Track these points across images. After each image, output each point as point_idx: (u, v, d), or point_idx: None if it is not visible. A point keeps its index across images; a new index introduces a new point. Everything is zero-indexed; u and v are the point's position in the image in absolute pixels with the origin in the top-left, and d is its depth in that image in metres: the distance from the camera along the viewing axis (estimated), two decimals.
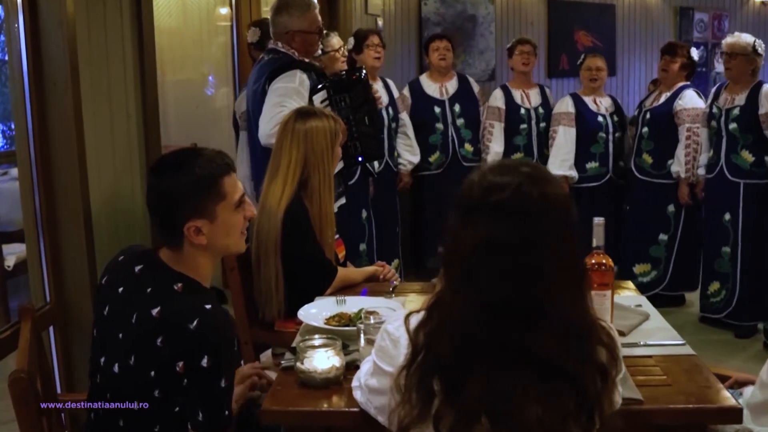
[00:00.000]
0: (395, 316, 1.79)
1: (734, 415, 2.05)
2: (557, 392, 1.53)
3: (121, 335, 2.06)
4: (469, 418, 1.53)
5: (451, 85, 6.05)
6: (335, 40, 4.81)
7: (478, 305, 1.55)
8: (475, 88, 6.16)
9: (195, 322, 1.96)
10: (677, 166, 5.51)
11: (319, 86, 3.90)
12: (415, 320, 1.68)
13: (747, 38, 5.19)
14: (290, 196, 3.06)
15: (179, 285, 2.06)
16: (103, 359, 2.10)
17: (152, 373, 1.98)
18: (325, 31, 4.37)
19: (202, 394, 1.99)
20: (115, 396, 2.07)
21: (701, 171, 5.42)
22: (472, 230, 1.57)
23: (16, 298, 5.03)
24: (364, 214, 5.21)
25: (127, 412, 2.04)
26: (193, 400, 1.99)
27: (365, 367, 1.93)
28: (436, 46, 5.96)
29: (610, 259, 2.44)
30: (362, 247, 5.15)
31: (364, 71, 4.07)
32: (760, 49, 5.17)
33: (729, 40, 5.24)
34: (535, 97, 6.03)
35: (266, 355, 3.25)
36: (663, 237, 5.68)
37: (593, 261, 2.41)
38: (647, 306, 2.85)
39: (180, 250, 2.12)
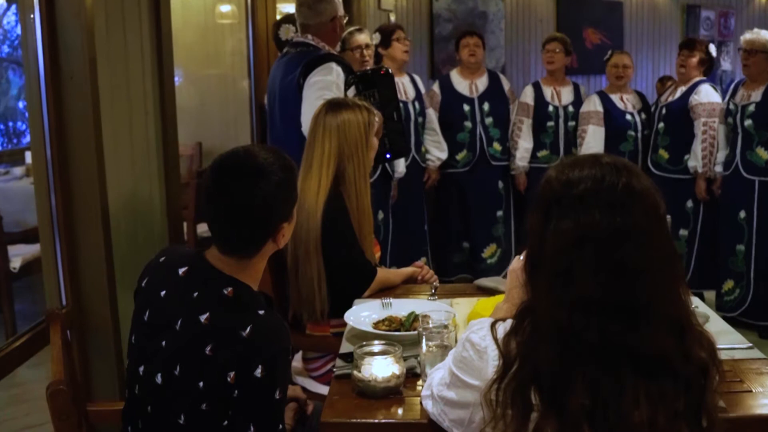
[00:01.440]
0: (477, 325, 1.65)
1: None
2: (666, 391, 1.44)
3: (164, 343, 1.91)
4: (574, 429, 1.42)
5: (482, 83, 5.96)
6: (360, 37, 4.69)
7: (575, 305, 1.45)
8: (506, 85, 6.08)
9: (248, 329, 1.83)
10: (694, 161, 5.42)
11: (349, 81, 3.85)
12: (502, 329, 1.56)
13: (767, 35, 5.07)
14: (328, 191, 2.92)
15: (229, 289, 1.92)
16: (142, 368, 1.96)
17: (200, 384, 1.84)
18: (351, 28, 4.29)
19: (255, 407, 1.84)
20: (157, 408, 1.93)
21: (719, 168, 5.32)
22: (557, 226, 1.49)
23: (22, 302, 4.91)
24: (381, 215, 5.09)
25: (171, 426, 1.90)
26: (243, 413, 1.84)
27: (437, 375, 1.80)
28: (466, 42, 5.88)
29: None
30: None
31: (388, 68, 3.99)
32: None
33: (749, 36, 5.15)
34: (566, 95, 5.94)
35: (296, 360, 3.11)
36: (683, 232, 5.58)
37: None
38: (703, 307, 2.73)
39: (252, 256, 1.99)
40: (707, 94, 5.43)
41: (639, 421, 1.41)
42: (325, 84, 3.75)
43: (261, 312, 1.89)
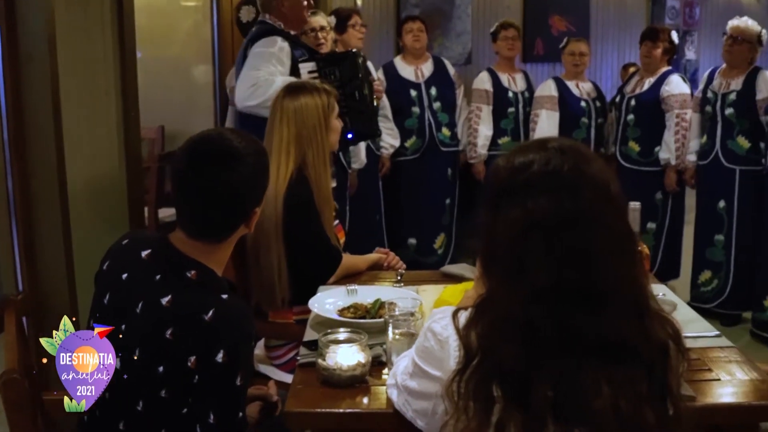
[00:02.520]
0: (440, 314, 1.62)
1: None
2: (628, 375, 1.40)
3: (124, 326, 1.86)
4: (538, 422, 1.38)
5: (427, 68, 5.87)
6: (314, 19, 4.60)
7: (531, 295, 1.41)
8: (451, 71, 5.99)
9: (210, 313, 1.78)
10: (666, 152, 5.40)
11: (308, 57, 3.86)
12: (464, 318, 1.52)
13: (755, 26, 5.04)
14: (290, 175, 2.87)
15: (193, 272, 1.87)
16: None
17: (160, 369, 1.79)
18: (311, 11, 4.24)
19: (215, 393, 1.80)
20: (114, 395, 1.87)
21: (692, 157, 5.30)
22: (506, 215, 1.44)
23: None
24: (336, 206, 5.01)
25: (129, 414, 1.85)
26: (204, 399, 1.80)
27: (402, 364, 1.76)
28: (410, 27, 5.79)
29: (646, 247, 2.29)
30: None
31: (354, 50, 3.97)
32: (764, 39, 5.06)
33: (738, 24, 5.05)
34: (521, 82, 5.92)
35: (258, 347, 3.06)
36: (651, 225, 5.57)
37: None
38: (670, 295, 2.72)
39: (222, 241, 1.96)
40: (678, 85, 5.42)
41: (602, 408, 1.37)
42: (264, 55, 3.75)
43: (224, 296, 1.85)
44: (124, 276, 1.93)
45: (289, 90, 3.02)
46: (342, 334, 2.06)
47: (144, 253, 1.94)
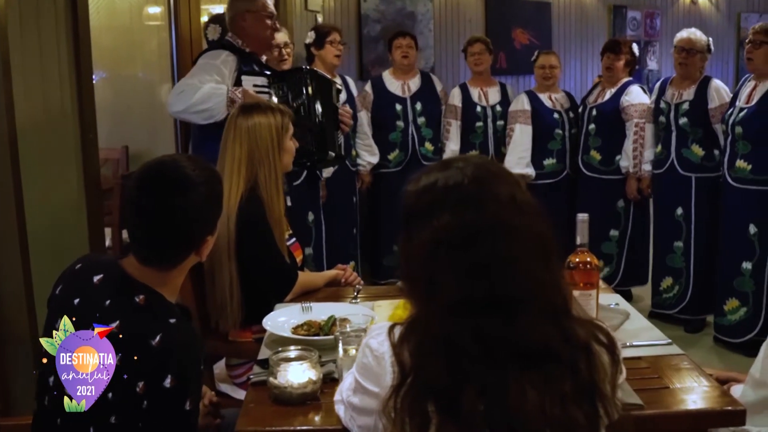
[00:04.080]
0: (377, 330, 1.63)
1: (739, 417, 1.94)
2: (550, 376, 1.42)
3: None
4: None
5: (414, 83, 5.99)
6: (277, 35, 4.61)
7: (446, 310, 1.44)
8: (438, 86, 6.11)
9: (158, 338, 1.79)
10: (626, 161, 5.51)
11: (259, 72, 3.87)
12: (399, 334, 1.54)
13: (702, 36, 5.19)
14: (242, 194, 2.87)
15: (141, 297, 1.88)
16: (52, 378, 1.90)
17: (109, 395, 1.79)
18: None
19: (165, 418, 1.81)
20: (65, 420, 1.87)
21: (647, 167, 5.40)
22: (418, 238, 1.48)
23: None
24: (311, 217, 5.03)
25: None
26: (154, 425, 1.81)
27: (347, 380, 1.77)
28: (399, 43, 5.90)
29: (595, 258, 2.32)
30: (308, 251, 4.95)
31: (307, 67, 4.00)
32: (711, 47, 5.22)
33: (688, 36, 5.18)
34: (493, 95, 5.97)
35: (219, 367, 3.06)
36: (614, 233, 5.66)
37: (577, 260, 2.28)
38: (624, 304, 2.74)
39: (173, 268, 1.97)
40: (637, 95, 5.54)
41: (531, 411, 1.39)
42: (204, 66, 3.79)
43: (172, 320, 1.86)
44: (76, 301, 1.94)
45: (243, 109, 3.02)
46: (293, 351, 2.06)
47: (96, 278, 1.95)
